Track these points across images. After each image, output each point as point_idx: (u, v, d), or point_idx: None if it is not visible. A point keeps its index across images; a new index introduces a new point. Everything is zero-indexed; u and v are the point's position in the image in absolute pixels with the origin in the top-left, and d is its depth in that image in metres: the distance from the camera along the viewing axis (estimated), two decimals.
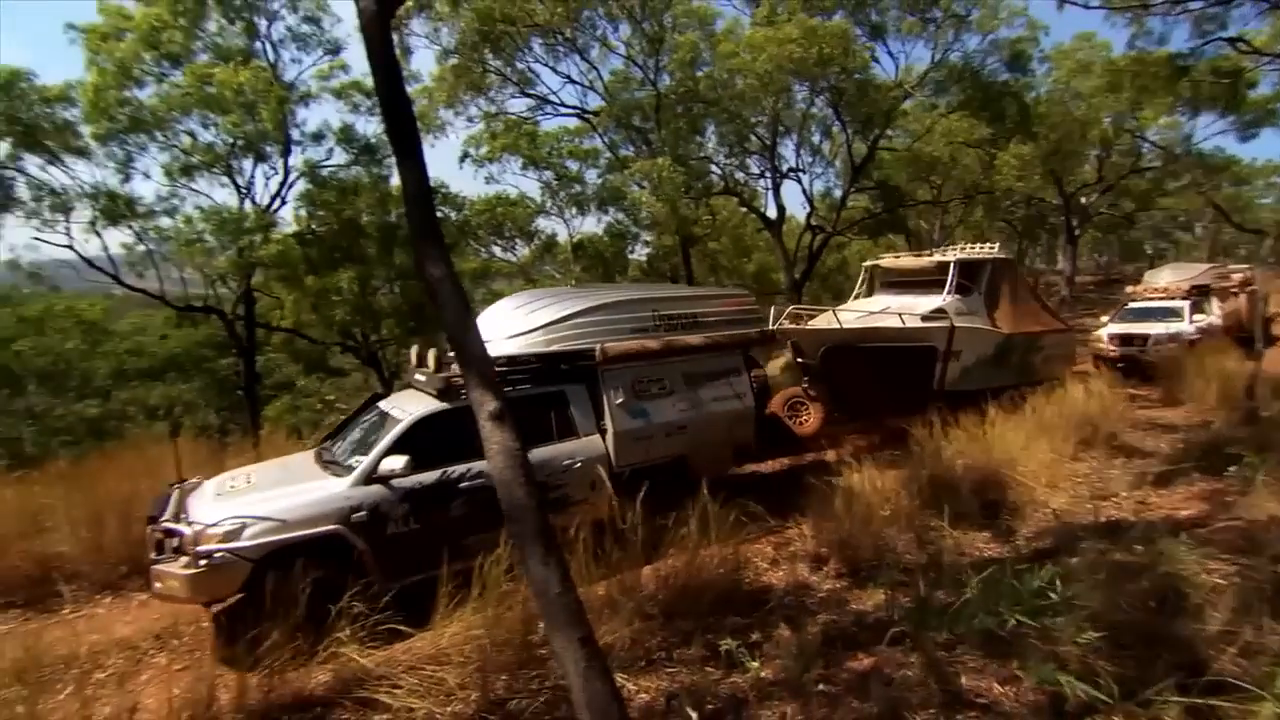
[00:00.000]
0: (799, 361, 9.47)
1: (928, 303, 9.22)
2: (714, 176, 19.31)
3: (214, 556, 4.18)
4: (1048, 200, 31.03)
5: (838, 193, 22.03)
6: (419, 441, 4.93)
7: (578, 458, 5.50)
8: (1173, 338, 12.35)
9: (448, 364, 5.78)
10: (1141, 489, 6.24)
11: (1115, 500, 6.05)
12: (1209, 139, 30.02)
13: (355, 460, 4.92)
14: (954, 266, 9.66)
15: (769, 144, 19.15)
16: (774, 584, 4.89)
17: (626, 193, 17.40)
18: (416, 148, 2.78)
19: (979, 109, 17.79)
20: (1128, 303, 14.43)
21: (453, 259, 2.98)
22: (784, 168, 20.06)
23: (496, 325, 5.92)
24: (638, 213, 17.53)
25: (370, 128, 16.76)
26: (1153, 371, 11.38)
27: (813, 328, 9.10)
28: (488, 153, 17.37)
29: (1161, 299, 13.76)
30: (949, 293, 9.39)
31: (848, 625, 4.19)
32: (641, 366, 6.01)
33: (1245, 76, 17.54)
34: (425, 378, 5.49)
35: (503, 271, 20.43)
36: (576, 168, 18.81)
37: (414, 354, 6.03)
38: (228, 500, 4.61)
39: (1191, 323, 12.78)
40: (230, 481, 5.02)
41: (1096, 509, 5.69)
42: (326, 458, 5.31)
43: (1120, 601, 3.52)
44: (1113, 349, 12.97)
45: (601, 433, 5.70)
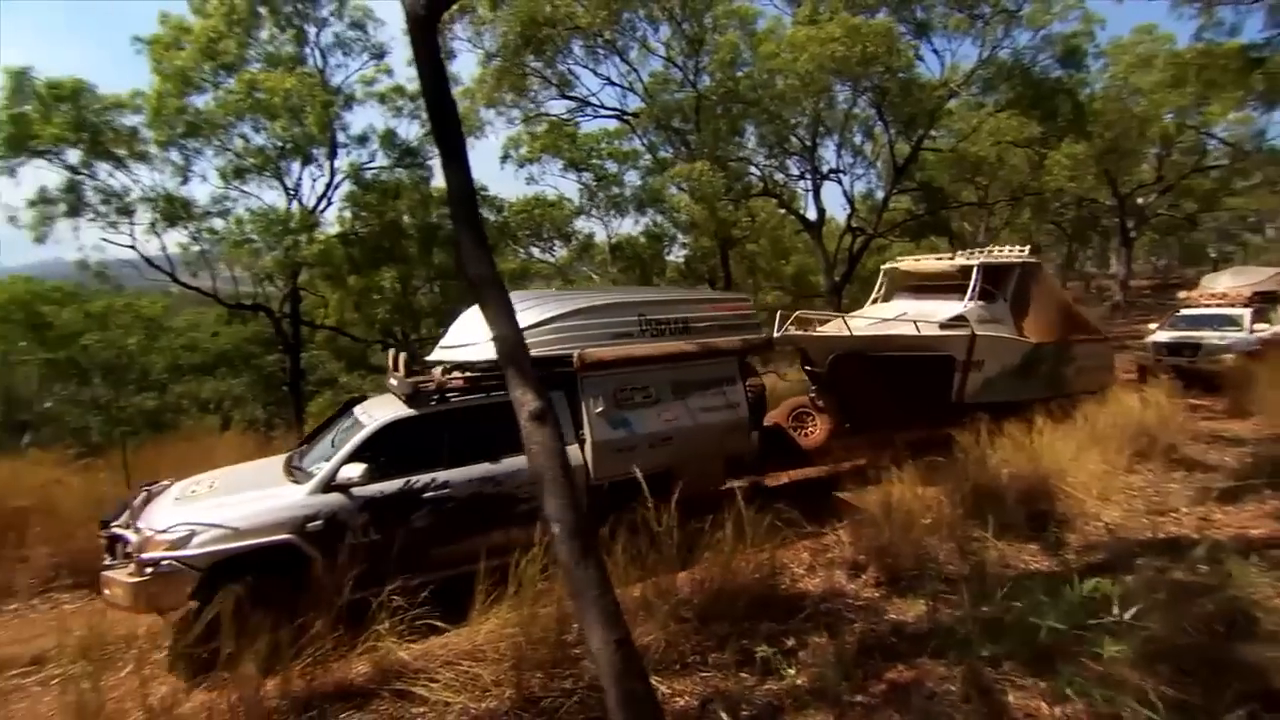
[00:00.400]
0: (806, 370, 8.95)
1: (948, 309, 8.67)
2: (753, 178, 19.16)
3: (160, 565, 4.01)
4: (1101, 201, 29.86)
5: (879, 194, 21.63)
6: (383, 449, 4.75)
7: None
8: (1228, 347, 11.53)
9: (418, 369, 5.64)
10: (1205, 505, 5.93)
11: (1175, 516, 5.77)
12: None
13: (318, 467, 4.74)
14: (977, 270, 9.04)
15: (809, 145, 18.89)
16: (810, 590, 4.82)
17: (665, 195, 17.38)
18: (461, 149, 2.81)
19: (1029, 107, 17.20)
20: (1180, 309, 13.65)
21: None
22: (824, 169, 19.79)
23: (472, 329, 5.66)
24: (676, 215, 17.49)
25: (411, 130, 17.16)
26: (1219, 381, 10.66)
27: (820, 334, 8.51)
28: (528, 153, 17.58)
29: (1219, 305, 12.92)
30: (970, 298, 8.81)
31: (886, 635, 4.10)
32: (624, 374, 5.66)
33: None
34: (396, 382, 5.29)
35: (541, 273, 20.63)
36: (616, 169, 18.93)
37: (391, 358, 5.78)
38: (184, 505, 4.47)
39: (1253, 331, 11.89)
40: (194, 485, 4.91)
41: (1154, 524, 5.44)
42: (294, 464, 5.13)
43: (1183, 624, 3.34)
44: (1158, 358, 12.21)
45: (580, 443, 5.39)
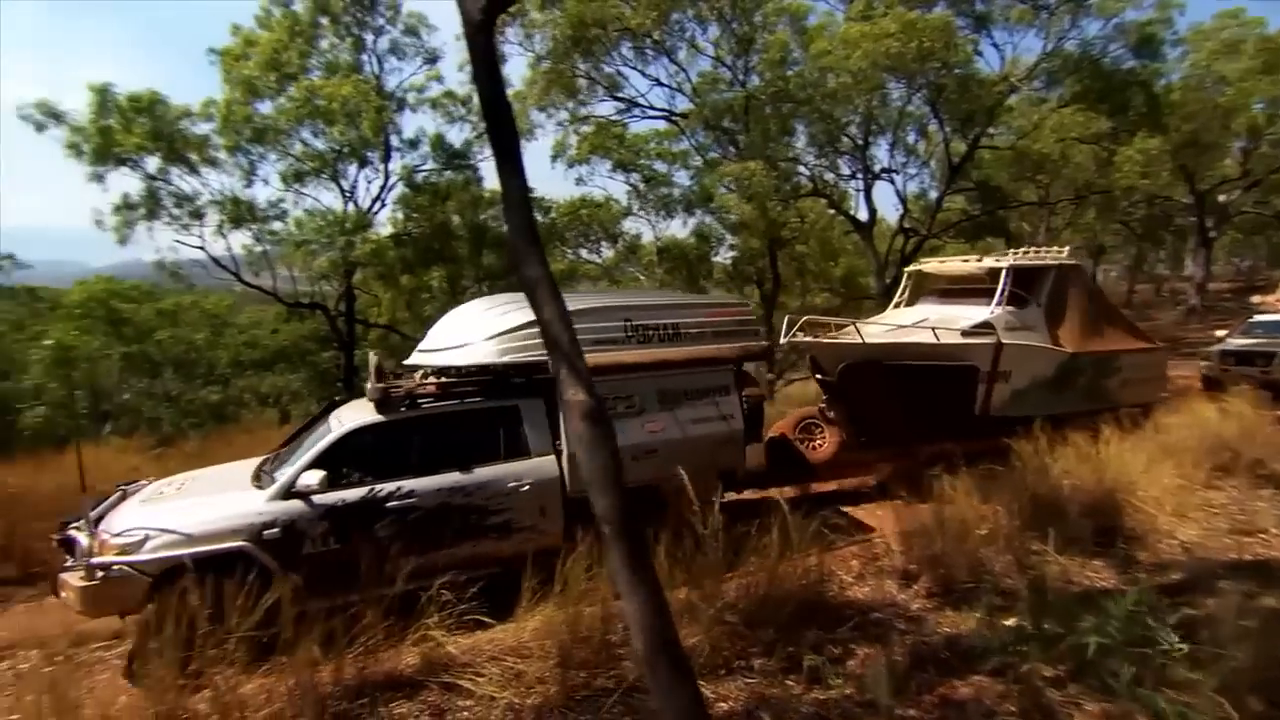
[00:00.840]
0: (817, 378, 8.36)
1: (974, 315, 8.10)
2: (802, 178, 18.87)
3: (111, 569, 3.96)
4: (1176, 199, 28.13)
5: (933, 194, 20.98)
6: (347, 455, 4.65)
7: (526, 480, 4.96)
8: None
9: (392, 374, 5.46)
10: None
11: (1263, 537, 5.37)
12: None
13: (281, 472, 4.63)
14: (1006, 273, 8.37)
15: (861, 144, 18.50)
16: (859, 599, 4.70)
17: (715, 195, 17.27)
18: (516, 151, 2.84)
19: (1097, 100, 16.37)
20: (1253, 314, 12.69)
21: None
22: (876, 168, 19.34)
23: (455, 332, 5.50)
24: (726, 216, 17.37)
25: (461, 134, 17.62)
26: None
27: (830, 341, 8.05)
28: (577, 154, 17.76)
29: None
30: (998, 304, 8.20)
31: (939, 648, 3.96)
32: (606, 381, 5.20)
33: None
34: (369, 387, 5.11)
35: (589, 274, 20.80)
36: (665, 169, 18.95)
37: (369, 361, 5.55)
38: (147, 508, 4.41)
39: None
40: (165, 487, 4.85)
41: (1239, 545, 5.09)
42: (264, 468, 4.98)
43: (1277, 654, 3.10)
44: (1225, 368, 11.32)
45: (557, 454, 5.15)
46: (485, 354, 5.18)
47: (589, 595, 3.78)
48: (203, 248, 15.84)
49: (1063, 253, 9.08)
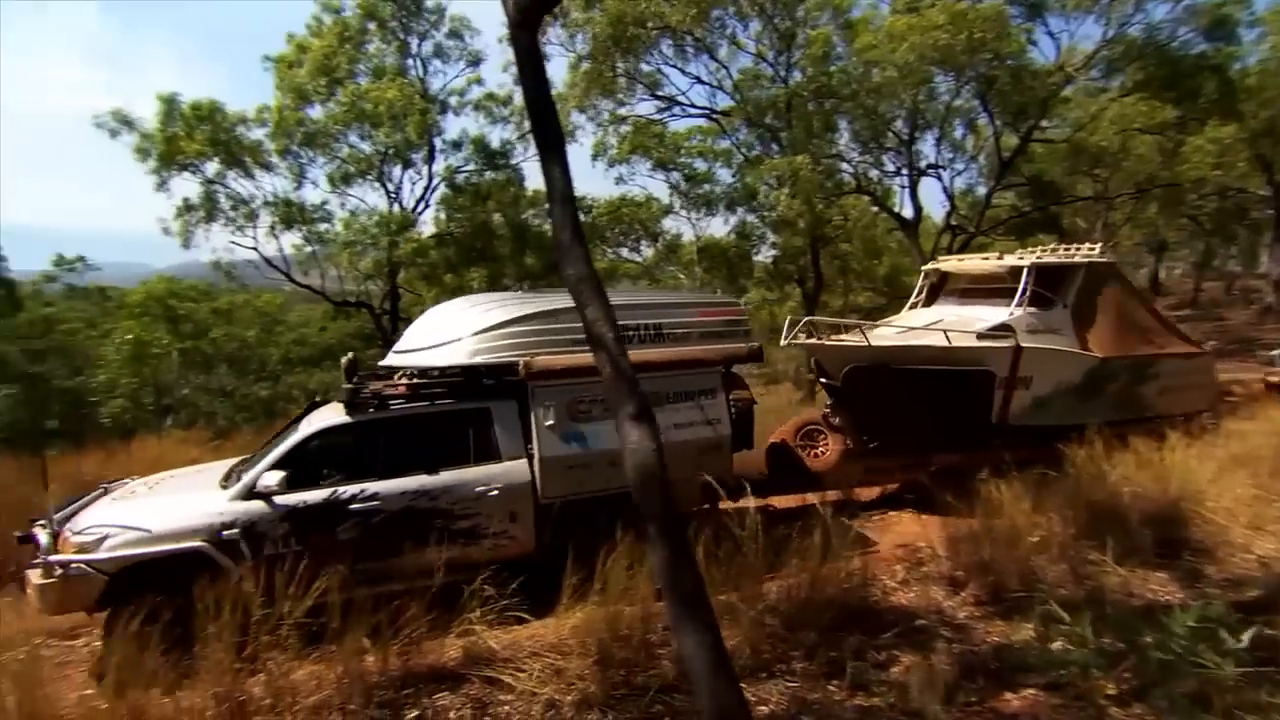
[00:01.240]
0: (822, 382, 7.91)
1: (992, 316, 7.58)
2: (846, 175, 18.54)
3: (69, 567, 3.96)
4: (1251, 191, 26.46)
5: (981, 190, 20.34)
6: (312, 456, 4.59)
7: (495, 484, 4.81)
8: None
9: (365, 374, 5.35)
10: None
11: None
12: None
13: (249, 473, 4.56)
14: (1028, 272, 7.78)
15: (906, 139, 18.05)
16: (903, 605, 4.59)
17: (759, 192, 17.07)
18: (561, 149, 2.85)
19: (1162, 88, 15.55)
20: None
21: None
22: (922, 164, 18.86)
23: (432, 331, 5.37)
24: (768, 213, 17.16)
25: (504, 134, 17.90)
26: None
27: (833, 343, 7.62)
28: (618, 154, 17.82)
29: None
30: (1018, 304, 7.65)
31: (988, 658, 3.83)
32: (581, 384, 5.07)
33: None
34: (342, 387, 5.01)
35: (629, 273, 20.85)
36: (706, 167, 18.85)
37: (342, 361, 5.39)
38: (115, 506, 4.41)
39: None
40: (139, 485, 4.84)
41: None
42: (237, 468, 4.89)
43: None
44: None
45: (529, 458, 5.00)
46: (457, 355, 5.06)
47: (629, 594, 3.78)
48: (256, 248, 16.55)
49: (1094, 249, 8.44)
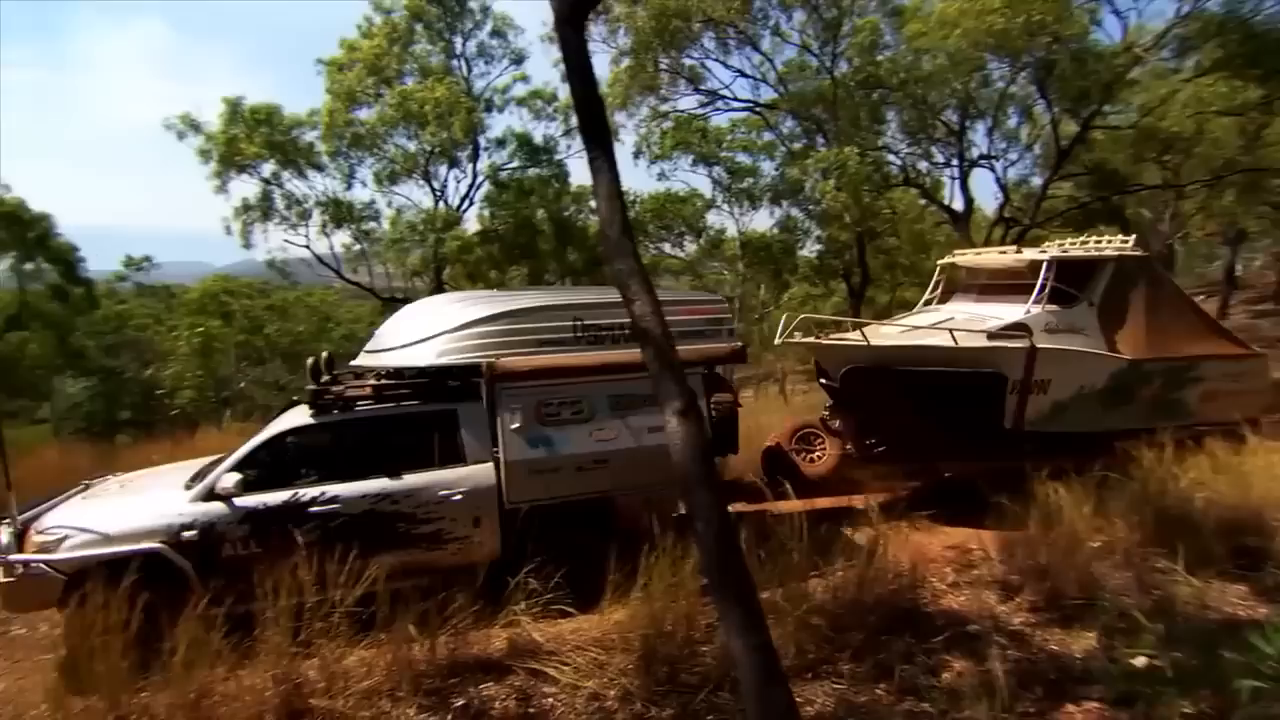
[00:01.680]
0: (823, 383, 7.50)
1: (1007, 314, 7.13)
2: (893, 167, 18.06)
3: (28, 566, 3.97)
4: None
5: (1036, 180, 19.51)
6: (274, 458, 4.53)
7: (459, 488, 4.68)
8: None
9: (333, 374, 5.26)
10: None
11: None
12: None
13: (213, 473, 4.50)
14: (1047, 267, 7.21)
15: (957, 129, 17.46)
16: (954, 609, 4.46)
17: (804, 185, 16.76)
18: (608, 144, 2.84)
19: (1244, 66, 14.53)
20: None
21: None
22: (973, 155, 18.21)
23: (405, 330, 5.24)
24: (813, 207, 16.86)
25: (548, 130, 18.04)
26: None
27: (832, 343, 7.21)
28: (660, 150, 17.79)
29: None
30: (1036, 302, 7.11)
31: (1046, 668, 3.70)
32: (550, 386, 4.97)
33: None
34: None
35: (671, 268, 20.82)
36: (750, 161, 18.67)
37: (308, 361, 5.24)
38: (83, 505, 4.42)
39: None
40: (113, 484, 4.85)
41: None
42: (205, 468, 4.77)
43: None
44: None
45: (495, 462, 4.86)
46: (423, 355, 4.93)
47: (674, 590, 3.78)
48: (308, 246, 17.15)
49: (1126, 242, 7.85)
